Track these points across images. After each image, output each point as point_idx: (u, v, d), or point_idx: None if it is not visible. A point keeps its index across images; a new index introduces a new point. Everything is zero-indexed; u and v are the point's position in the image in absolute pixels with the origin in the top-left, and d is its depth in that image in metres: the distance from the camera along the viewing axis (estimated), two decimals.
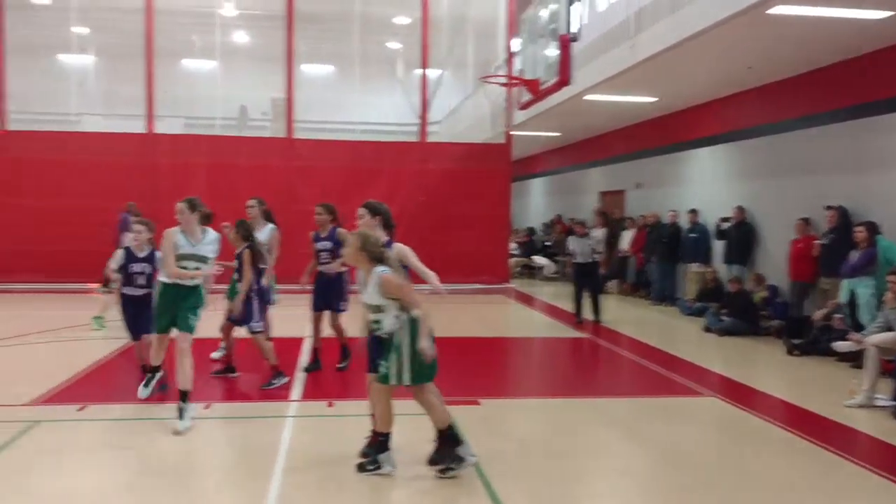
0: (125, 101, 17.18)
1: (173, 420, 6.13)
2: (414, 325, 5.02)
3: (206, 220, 6.63)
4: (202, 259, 6.45)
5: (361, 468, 5.20)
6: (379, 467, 5.19)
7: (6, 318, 12.50)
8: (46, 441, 5.91)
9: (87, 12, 18.76)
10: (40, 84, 17.65)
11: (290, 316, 9.53)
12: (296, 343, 9.61)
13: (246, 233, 7.77)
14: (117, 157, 16.11)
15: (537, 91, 12.25)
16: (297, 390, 7.64)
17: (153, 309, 6.75)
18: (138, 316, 7.16)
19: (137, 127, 16.64)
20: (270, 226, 8.53)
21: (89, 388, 7.59)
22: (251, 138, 17.65)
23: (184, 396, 6.22)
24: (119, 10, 17.42)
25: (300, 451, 5.79)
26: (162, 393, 6.99)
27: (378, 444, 5.23)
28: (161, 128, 16.80)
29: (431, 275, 5.66)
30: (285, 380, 7.73)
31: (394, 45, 21.46)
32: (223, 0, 19.74)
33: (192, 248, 6.41)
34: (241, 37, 21.26)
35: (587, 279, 12.46)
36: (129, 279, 7.20)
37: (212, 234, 6.58)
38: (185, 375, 6.23)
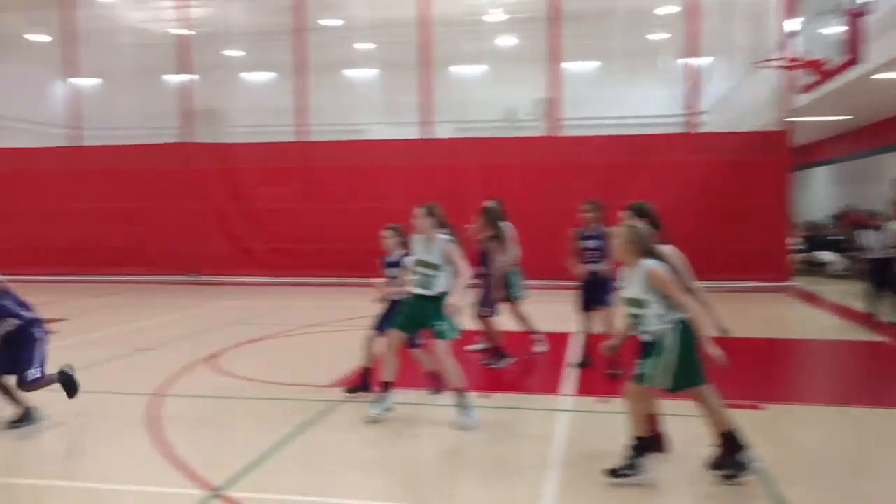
0: (404, 110, 18.52)
1: (455, 411, 6.33)
2: (685, 328, 4.81)
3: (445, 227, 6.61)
4: (431, 265, 6.37)
5: (614, 473, 4.96)
6: (634, 473, 4.95)
7: (309, 307, 14.20)
8: (345, 420, 6.60)
9: (369, 29, 20.61)
10: (332, 98, 19.67)
11: (554, 311, 9.64)
12: (562, 338, 9.72)
13: (490, 219, 7.97)
14: (399, 161, 17.38)
15: (822, 72, 11.32)
16: (567, 385, 7.79)
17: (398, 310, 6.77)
18: (387, 313, 7.12)
19: (416, 133, 17.86)
20: (505, 224, 8.76)
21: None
22: (519, 138, 18.15)
23: (458, 392, 6.37)
24: (397, 25, 18.81)
25: (571, 445, 5.90)
26: (436, 394, 7.00)
27: (635, 448, 4.98)
28: (436, 133, 17.89)
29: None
30: (510, 360, 8.41)
31: (658, 35, 20.89)
32: (490, 6, 20.63)
33: (422, 255, 6.44)
34: (507, 40, 22.02)
35: (884, 276, 11.23)
36: (390, 282, 7.19)
37: (441, 238, 6.44)
38: (453, 374, 6.38)
